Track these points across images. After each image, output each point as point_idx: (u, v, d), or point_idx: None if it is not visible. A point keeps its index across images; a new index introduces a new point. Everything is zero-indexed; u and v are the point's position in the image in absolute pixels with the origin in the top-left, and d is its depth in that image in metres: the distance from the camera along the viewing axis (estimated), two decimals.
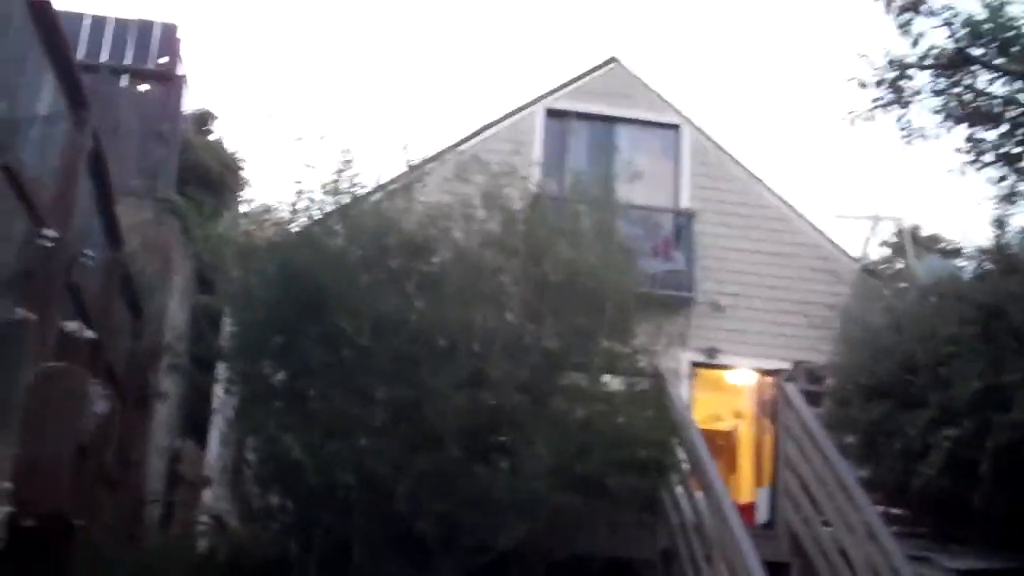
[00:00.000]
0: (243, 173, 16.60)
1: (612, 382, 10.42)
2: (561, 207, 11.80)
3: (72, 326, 8.13)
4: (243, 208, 14.27)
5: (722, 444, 15.58)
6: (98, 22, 14.10)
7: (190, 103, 15.95)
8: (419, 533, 9.36)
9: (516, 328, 9.93)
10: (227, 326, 11.50)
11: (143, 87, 14.30)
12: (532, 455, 9.10)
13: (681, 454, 10.49)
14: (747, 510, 11.80)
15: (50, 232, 7.08)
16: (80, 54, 13.22)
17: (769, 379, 14.68)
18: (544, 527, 9.36)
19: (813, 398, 11.85)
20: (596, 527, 9.76)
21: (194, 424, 13.43)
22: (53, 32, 7.02)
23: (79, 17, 13.81)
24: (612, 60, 17.91)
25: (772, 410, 12.61)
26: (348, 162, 10.97)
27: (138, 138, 13.39)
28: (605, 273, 10.34)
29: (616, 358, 10.38)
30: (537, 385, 9.77)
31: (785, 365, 14.29)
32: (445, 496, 9.21)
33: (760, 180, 17.15)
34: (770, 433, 12.93)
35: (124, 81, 14.05)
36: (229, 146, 16.82)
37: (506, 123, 16.75)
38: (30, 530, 3.08)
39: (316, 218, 10.78)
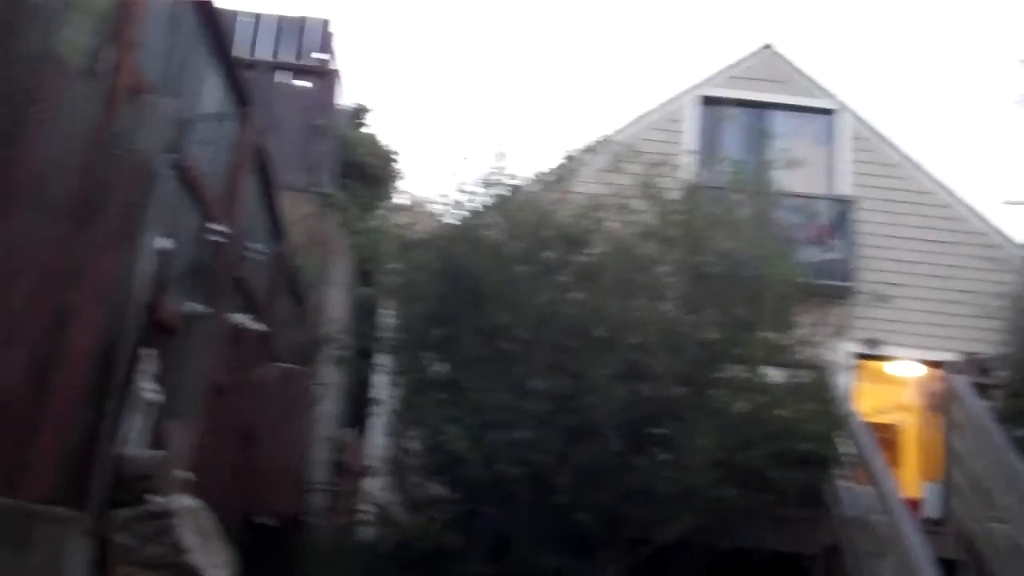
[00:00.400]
0: (399, 165, 16.77)
1: (772, 374, 10.26)
2: (717, 196, 11.68)
3: (242, 319, 8.34)
4: (400, 200, 14.42)
5: (885, 438, 15.21)
6: (255, 19, 14.44)
7: (346, 97, 16.20)
8: (580, 525, 9.37)
9: (674, 319, 9.87)
10: (386, 317, 11.65)
11: (300, 83, 14.58)
12: (693, 447, 9.03)
13: (845, 447, 10.28)
14: (913, 505, 11.48)
15: (219, 227, 7.26)
16: (239, 51, 13.53)
17: (934, 371, 14.28)
18: (706, 520, 9.27)
19: (982, 390, 11.49)
20: (758, 520, 9.64)
21: (356, 414, 13.62)
22: (217, 32, 7.21)
23: (236, 14, 14.14)
24: (766, 46, 17.62)
25: (939, 403, 12.23)
26: (503, 153, 11.06)
27: (297, 133, 13.65)
28: (763, 263, 10.20)
29: (776, 349, 10.23)
30: (696, 377, 9.70)
31: (950, 356, 13.83)
32: (605, 488, 9.21)
33: (921, 166, 16.68)
34: (937, 426, 12.56)
35: (282, 77, 14.35)
36: (385, 139, 17.00)
37: (659, 111, 16.60)
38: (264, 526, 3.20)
39: (473, 210, 10.87)
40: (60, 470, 4.44)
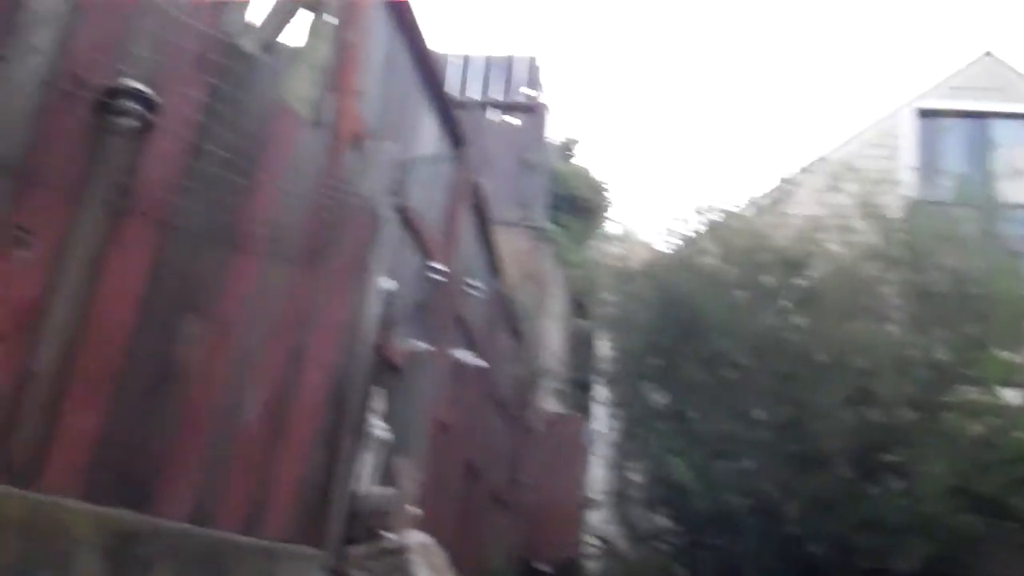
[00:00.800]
0: (610, 196, 16.84)
1: (1008, 394, 9.81)
2: (940, 211, 11.31)
3: (463, 355, 8.46)
4: (613, 231, 14.47)
5: None
6: (464, 60, 14.76)
7: (555, 131, 16.38)
8: (810, 555, 9.15)
9: (901, 341, 9.54)
10: (603, 348, 11.66)
11: (510, 119, 14.80)
12: (926, 474, 8.71)
13: None
14: None
15: (439, 266, 7.39)
16: (450, 92, 13.89)
17: None
18: (943, 550, 8.91)
19: None
20: (1001, 550, 9.21)
21: None
22: (431, 75, 7.38)
23: (446, 57, 14.50)
24: (987, 54, 17.03)
25: None
26: (716, 179, 10.98)
27: (509, 169, 13.85)
28: (992, 279, 9.80)
29: (1010, 368, 9.78)
30: (927, 400, 9.35)
31: None
32: (836, 517, 8.96)
33: None
34: None
35: (492, 114, 14.60)
36: (596, 171, 17.11)
37: (875, 127, 16.21)
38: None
39: (687, 238, 10.81)
40: (298, 509, 4.57)
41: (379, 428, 5.90)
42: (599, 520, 12.45)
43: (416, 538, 5.37)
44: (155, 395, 3.41)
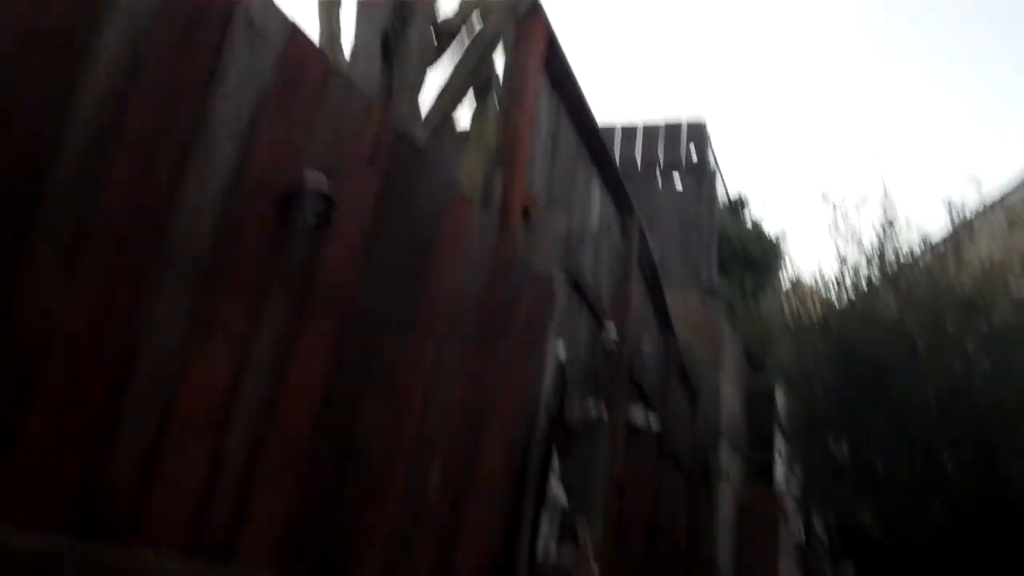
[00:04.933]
0: (782, 251, 16.74)
1: None
2: None
3: (640, 420, 8.54)
4: (786, 285, 14.39)
5: None
6: (636, 129, 15.11)
7: (724, 190, 16.47)
8: None
9: None
10: (780, 404, 11.59)
11: (681, 182, 14.95)
12: None
13: None
14: None
15: (613, 333, 7.50)
16: (622, 159, 14.24)
17: None
18: None
19: None
20: None
21: None
22: (600, 146, 7.54)
23: (616, 128, 14.89)
24: None
25: None
26: (890, 225, 10.88)
27: (677, 229, 13.97)
28: None
29: None
30: None
31: None
32: None
33: None
34: None
35: (664, 178, 14.82)
36: (766, 226, 17.04)
37: None
38: None
39: (862, 288, 10.71)
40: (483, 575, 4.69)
41: (558, 492, 6.02)
42: (785, 573, 12.32)
43: None
44: (340, 473, 3.58)
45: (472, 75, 5.37)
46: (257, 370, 3.18)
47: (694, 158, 14.95)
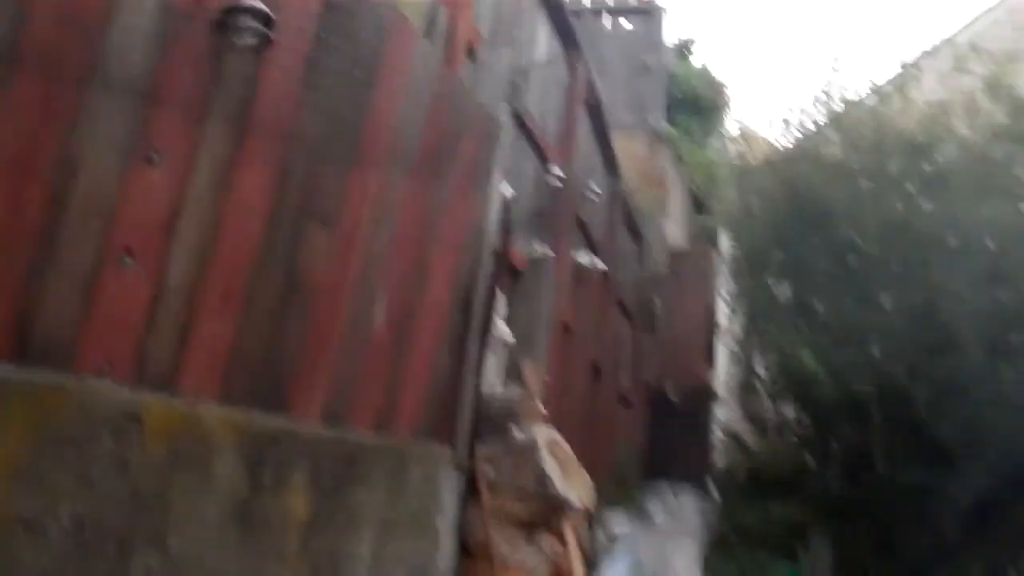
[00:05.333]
0: (729, 94, 16.67)
1: None
2: None
3: (585, 259, 8.57)
4: (731, 129, 14.38)
5: None
6: None
7: (671, 33, 16.27)
8: (940, 440, 9.11)
9: None
10: (724, 246, 11.65)
11: (625, 24, 14.74)
12: None
13: None
14: None
15: (557, 171, 7.46)
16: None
17: None
18: None
19: None
20: None
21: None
22: None
23: None
24: None
25: None
26: (836, 69, 10.84)
27: (625, 73, 13.83)
28: None
29: None
30: None
31: None
32: (967, 401, 8.88)
33: None
34: None
35: (607, 20, 14.57)
36: (713, 70, 16.95)
37: (1003, 5, 15.58)
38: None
39: (808, 131, 10.70)
40: (428, 410, 4.74)
41: (503, 331, 6.05)
42: (725, 416, 12.57)
43: (543, 434, 5.52)
44: (284, 304, 3.57)
45: None
46: (197, 198, 3.14)
47: None
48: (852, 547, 9.65)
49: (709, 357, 12.50)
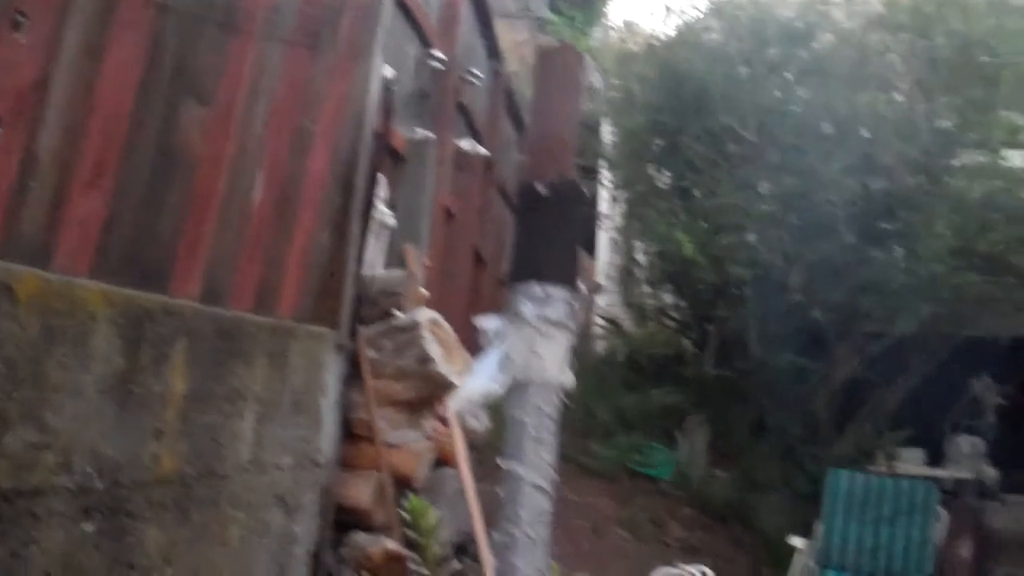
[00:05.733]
0: None
1: (1012, 156, 9.80)
2: None
3: (467, 145, 8.51)
4: (613, 17, 14.33)
5: None
6: None
7: None
8: (813, 322, 9.35)
9: (906, 108, 9.47)
10: (607, 134, 11.67)
11: None
12: (930, 236, 8.80)
13: None
14: None
15: (439, 54, 7.37)
16: None
17: None
18: (943, 310, 9.09)
19: None
20: (999, 307, 9.36)
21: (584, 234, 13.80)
22: None
23: None
24: None
25: None
26: None
27: None
28: (1000, 42, 9.65)
29: (1015, 131, 9.73)
30: (932, 166, 9.35)
31: None
32: (839, 284, 9.11)
33: None
34: None
35: None
36: None
37: None
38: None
39: (689, 18, 10.72)
40: (309, 289, 4.70)
41: (384, 214, 6.01)
42: (605, 303, 12.71)
43: (425, 315, 5.52)
44: (160, 178, 3.49)
45: None
46: (67, 65, 3.03)
47: None
48: (727, 429, 9.91)
49: (576, 154, 12.44)
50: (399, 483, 5.22)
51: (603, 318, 12.46)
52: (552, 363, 2.92)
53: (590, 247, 13.07)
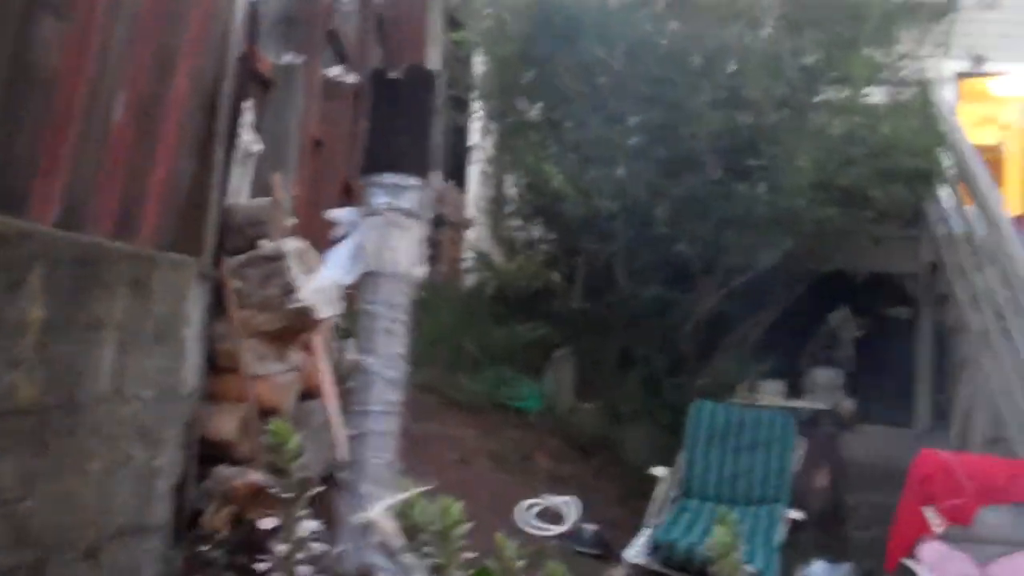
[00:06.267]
0: None
1: (875, 94, 10.00)
2: None
3: (336, 71, 8.36)
4: None
5: (988, 159, 14.82)
6: None
7: None
8: (679, 256, 9.45)
9: (773, 43, 9.56)
10: (479, 64, 11.55)
11: None
12: (793, 170, 8.94)
13: (948, 165, 10.09)
14: (1019, 222, 11.34)
15: None
16: None
17: None
18: (806, 243, 9.29)
19: None
20: (858, 241, 9.60)
21: (454, 167, 13.70)
22: None
23: None
24: None
25: None
26: None
27: None
28: None
29: (877, 68, 9.90)
30: (796, 101, 9.48)
31: None
32: (704, 218, 9.21)
33: None
34: None
35: None
36: None
37: None
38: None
39: None
40: (172, 217, 4.58)
41: (250, 141, 5.87)
42: (475, 237, 12.68)
43: (292, 245, 5.43)
44: (14, 96, 3.34)
45: None
46: None
47: None
48: (594, 362, 9.99)
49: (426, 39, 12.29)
50: (265, 415, 5.15)
51: (472, 251, 12.43)
52: (405, 254, 2.88)
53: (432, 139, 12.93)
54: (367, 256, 2.89)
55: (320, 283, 4.57)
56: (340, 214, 3.16)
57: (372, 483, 2.88)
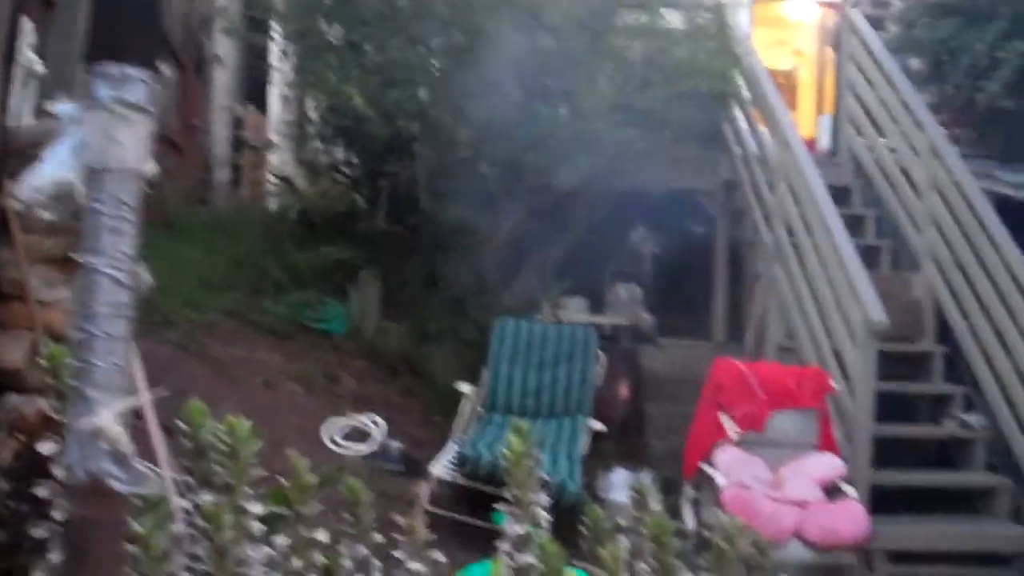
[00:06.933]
0: None
1: (672, 17, 10.19)
2: None
3: None
4: None
5: (782, 83, 15.28)
6: None
7: None
8: (482, 177, 9.52)
9: None
10: None
11: None
12: (593, 93, 9.07)
13: (743, 88, 10.38)
14: (810, 145, 11.78)
15: None
16: None
17: (831, 10, 14.18)
18: (607, 164, 9.44)
19: (877, 24, 11.52)
20: (657, 161, 9.81)
21: (255, 90, 13.46)
22: None
23: None
24: None
25: (835, 39, 12.29)
26: None
27: None
28: None
29: None
30: (596, 24, 9.61)
31: None
32: (507, 140, 9.28)
33: None
34: (832, 63, 12.65)
35: None
36: None
37: None
38: None
39: None
40: None
41: (32, 61, 5.66)
42: (278, 160, 12.53)
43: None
44: None
45: None
46: None
47: None
48: (400, 283, 10.01)
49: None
50: (54, 342, 5.03)
51: (275, 175, 12.28)
52: (132, 149, 2.80)
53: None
54: (90, 152, 2.79)
55: (38, 180, 4.39)
56: (60, 108, 3.05)
57: (99, 389, 2.80)
